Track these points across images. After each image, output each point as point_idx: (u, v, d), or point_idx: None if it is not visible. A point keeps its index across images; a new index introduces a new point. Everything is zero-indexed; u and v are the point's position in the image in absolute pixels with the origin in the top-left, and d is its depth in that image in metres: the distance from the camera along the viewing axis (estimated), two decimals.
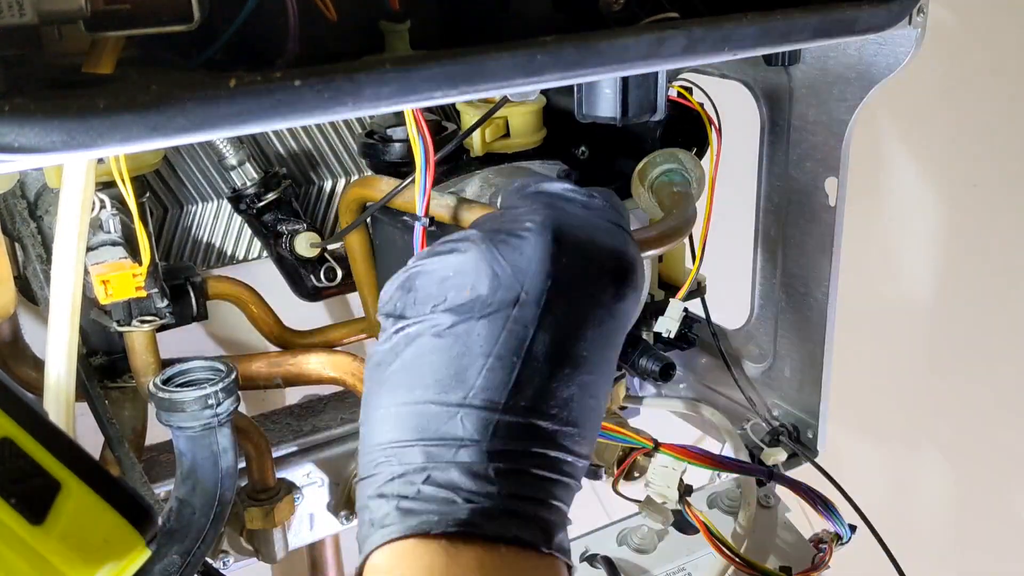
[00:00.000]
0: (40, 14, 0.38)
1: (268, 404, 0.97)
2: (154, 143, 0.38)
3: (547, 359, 0.46)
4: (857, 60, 0.72)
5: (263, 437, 0.73)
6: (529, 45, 0.46)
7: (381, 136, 0.79)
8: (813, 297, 0.81)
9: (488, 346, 0.46)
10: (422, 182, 0.57)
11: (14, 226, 0.70)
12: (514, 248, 0.47)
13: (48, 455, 0.40)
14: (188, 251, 0.88)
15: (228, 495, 0.60)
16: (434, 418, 0.46)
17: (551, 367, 0.46)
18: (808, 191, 0.79)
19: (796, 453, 0.86)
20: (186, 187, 0.86)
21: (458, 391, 0.46)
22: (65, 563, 0.39)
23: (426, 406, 0.46)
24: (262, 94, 0.40)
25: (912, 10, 0.63)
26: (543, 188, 0.52)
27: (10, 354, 0.76)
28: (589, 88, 0.61)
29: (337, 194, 0.93)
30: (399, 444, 0.46)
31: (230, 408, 0.59)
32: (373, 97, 0.42)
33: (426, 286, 0.48)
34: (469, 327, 0.46)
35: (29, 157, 0.36)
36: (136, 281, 0.61)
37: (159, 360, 0.70)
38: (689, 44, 0.50)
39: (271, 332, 0.82)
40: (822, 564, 0.75)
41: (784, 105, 0.80)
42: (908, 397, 1.43)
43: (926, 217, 1.32)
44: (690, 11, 0.55)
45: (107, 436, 0.66)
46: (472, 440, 0.45)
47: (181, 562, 0.57)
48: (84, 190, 0.55)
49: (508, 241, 0.47)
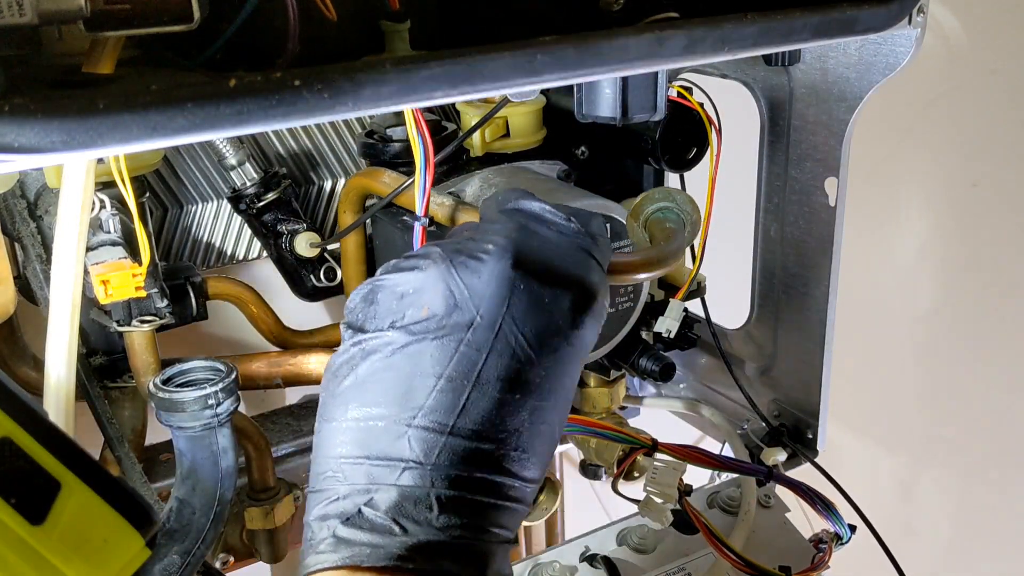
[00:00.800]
0: (40, 14, 0.38)
1: (268, 404, 0.97)
2: (154, 143, 0.38)
3: (498, 384, 0.46)
4: (857, 60, 0.72)
5: (263, 437, 0.73)
6: (529, 45, 0.46)
7: (381, 136, 0.79)
8: (813, 297, 0.81)
9: (440, 367, 0.46)
10: (422, 182, 0.57)
11: (14, 226, 0.70)
12: (472, 270, 0.47)
13: (48, 455, 0.40)
14: (188, 251, 0.88)
15: (228, 495, 0.60)
16: (381, 436, 0.46)
17: (501, 392, 0.46)
18: (808, 191, 0.79)
19: (796, 453, 0.86)
20: (186, 187, 0.86)
21: (407, 411, 0.46)
22: (65, 563, 0.39)
23: (375, 423, 0.46)
24: (262, 94, 0.40)
25: (912, 10, 0.63)
26: (520, 206, 0.52)
27: (10, 354, 0.76)
28: (589, 88, 0.61)
29: (337, 194, 0.93)
30: (346, 459, 0.46)
31: (230, 408, 0.59)
32: (373, 97, 0.42)
33: (386, 300, 0.48)
34: (422, 347, 0.46)
35: (29, 157, 0.36)
36: (136, 281, 0.61)
37: (159, 360, 0.70)
38: (689, 44, 0.50)
39: (271, 332, 0.82)
40: (822, 564, 0.75)
41: (784, 105, 0.80)
42: (908, 397, 1.43)
43: (926, 217, 1.32)
44: (690, 11, 0.55)
45: (107, 436, 0.66)
46: (416, 462, 0.45)
47: (181, 562, 0.57)
48: (84, 190, 0.55)
49: (467, 264, 0.48)
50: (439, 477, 0.45)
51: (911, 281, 1.37)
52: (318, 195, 0.93)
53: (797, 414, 0.87)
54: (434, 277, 0.47)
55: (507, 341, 0.47)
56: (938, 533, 1.49)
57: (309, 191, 0.92)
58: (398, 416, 0.46)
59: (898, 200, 1.33)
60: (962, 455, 1.41)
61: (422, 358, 0.46)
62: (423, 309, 0.47)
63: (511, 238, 0.49)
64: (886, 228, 1.34)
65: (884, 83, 0.71)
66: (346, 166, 0.93)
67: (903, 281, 1.38)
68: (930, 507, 1.49)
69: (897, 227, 1.35)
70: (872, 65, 0.71)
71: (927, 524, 1.48)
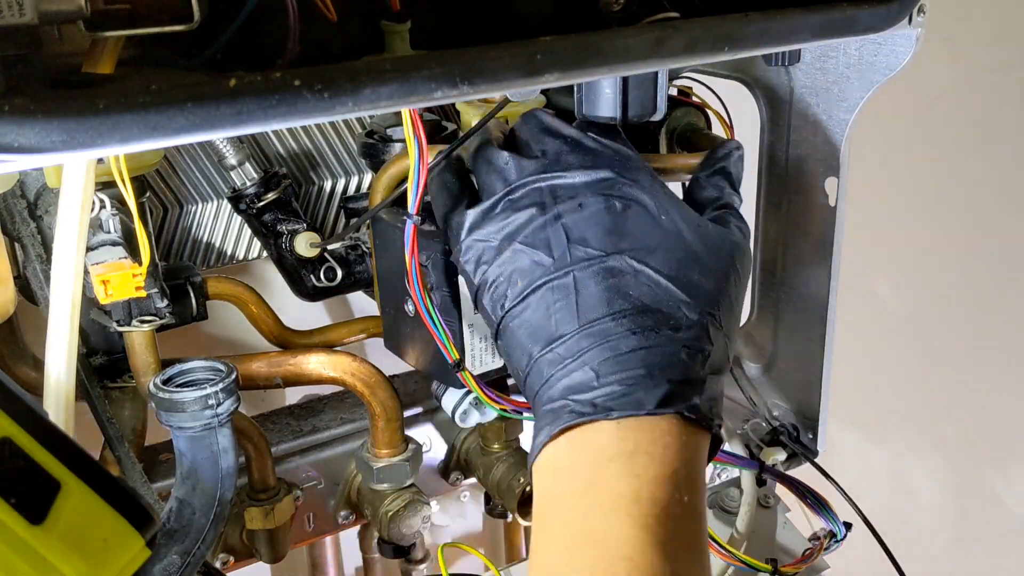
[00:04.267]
0: (40, 14, 0.38)
1: (268, 404, 0.97)
2: (154, 143, 0.38)
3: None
4: (857, 60, 0.72)
5: (263, 437, 0.73)
6: (529, 45, 0.46)
7: (381, 136, 0.79)
8: (813, 297, 0.81)
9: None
10: (415, 181, 0.57)
11: (14, 226, 0.70)
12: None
13: (48, 455, 0.40)
14: (188, 251, 0.88)
15: (228, 495, 0.60)
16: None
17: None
18: (808, 191, 0.79)
19: (796, 453, 0.86)
20: (186, 187, 0.86)
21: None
22: (65, 563, 0.39)
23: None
24: (262, 94, 0.40)
25: (912, 10, 0.63)
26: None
27: (10, 354, 0.76)
28: (589, 88, 0.61)
29: (337, 194, 0.93)
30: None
31: (230, 408, 0.59)
32: (373, 97, 0.42)
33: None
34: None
35: (29, 157, 0.36)
36: (136, 281, 0.61)
37: (159, 360, 0.70)
38: (689, 44, 0.50)
39: (271, 332, 0.82)
40: (811, 558, 0.75)
41: (784, 105, 0.80)
42: (908, 397, 1.43)
43: (926, 217, 1.32)
44: (690, 11, 0.55)
45: (107, 436, 0.66)
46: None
47: (181, 562, 0.57)
48: (84, 190, 0.55)
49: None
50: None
51: (911, 281, 1.37)
52: (318, 195, 0.93)
53: (797, 414, 0.87)
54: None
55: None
56: (936, 532, 1.49)
57: (309, 191, 0.92)
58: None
59: (898, 200, 1.34)
60: (961, 455, 1.41)
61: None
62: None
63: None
64: (886, 228, 1.34)
65: (884, 83, 0.71)
66: (346, 166, 0.93)
67: (903, 281, 1.38)
68: (929, 507, 1.49)
69: (897, 227, 1.35)
70: (872, 65, 0.71)
71: (926, 524, 1.48)
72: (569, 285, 0.54)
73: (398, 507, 0.75)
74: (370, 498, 0.77)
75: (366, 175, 0.94)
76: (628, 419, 0.51)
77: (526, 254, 0.55)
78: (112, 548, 0.40)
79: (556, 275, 0.54)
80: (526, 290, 0.55)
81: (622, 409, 0.51)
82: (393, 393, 0.73)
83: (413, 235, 0.59)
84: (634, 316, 0.53)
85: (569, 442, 0.52)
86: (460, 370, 0.62)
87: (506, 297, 0.56)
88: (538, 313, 0.54)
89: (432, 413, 0.85)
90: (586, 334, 0.53)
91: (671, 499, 0.50)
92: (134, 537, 0.41)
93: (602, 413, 0.51)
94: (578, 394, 0.52)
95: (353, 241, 0.87)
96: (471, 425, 0.77)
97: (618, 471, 0.50)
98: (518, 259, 0.55)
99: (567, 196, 0.55)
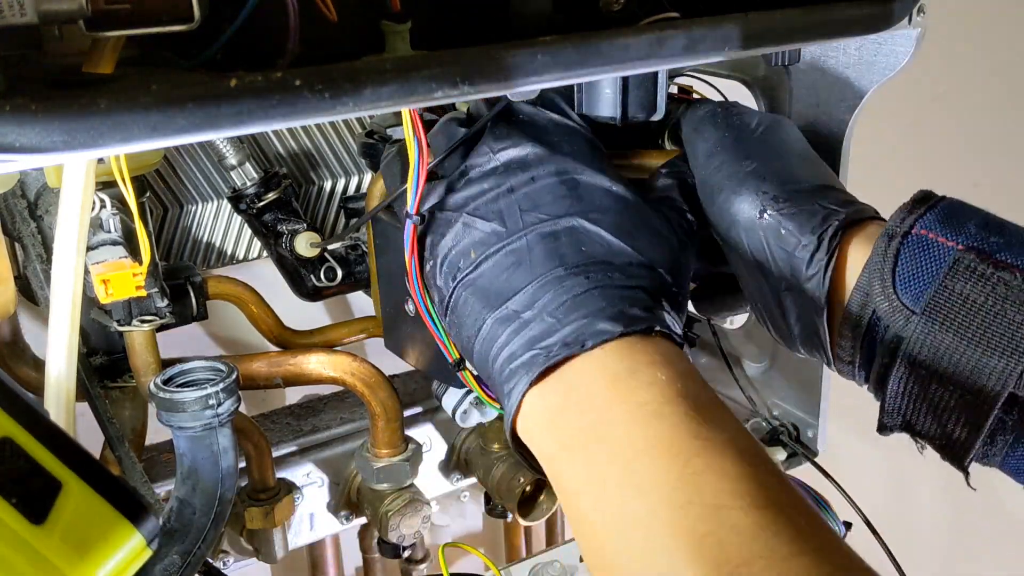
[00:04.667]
0: (40, 14, 0.38)
1: (268, 404, 0.97)
2: (154, 143, 0.38)
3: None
4: (857, 60, 0.72)
5: (263, 437, 0.73)
6: (529, 45, 0.46)
7: (381, 136, 0.79)
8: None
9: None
10: (415, 181, 0.58)
11: (14, 226, 0.70)
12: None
13: (49, 455, 0.40)
14: (188, 251, 0.88)
15: (228, 495, 0.60)
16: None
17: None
18: None
19: (796, 452, 0.86)
20: (186, 187, 0.86)
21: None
22: (66, 563, 0.39)
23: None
24: (262, 94, 0.40)
25: (912, 10, 0.63)
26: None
27: (10, 354, 0.76)
28: (589, 88, 0.61)
29: (337, 194, 0.93)
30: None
31: (231, 408, 0.59)
32: (373, 97, 0.42)
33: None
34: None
35: (30, 157, 0.36)
36: (136, 281, 0.61)
37: (159, 360, 0.70)
38: (689, 44, 0.50)
39: (271, 332, 0.82)
40: None
41: (784, 105, 0.80)
42: None
43: None
44: (690, 11, 0.55)
45: (107, 436, 0.66)
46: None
47: (181, 562, 0.57)
48: (84, 190, 0.55)
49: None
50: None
51: None
52: (318, 195, 0.93)
53: (797, 414, 0.87)
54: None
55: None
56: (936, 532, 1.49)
57: (309, 191, 0.92)
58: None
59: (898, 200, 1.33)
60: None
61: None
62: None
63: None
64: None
65: (884, 83, 0.71)
66: (346, 166, 0.93)
67: None
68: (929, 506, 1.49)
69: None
70: (872, 65, 0.71)
71: (926, 523, 1.48)
72: (523, 248, 0.54)
73: (398, 507, 0.75)
74: (370, 498, 0.77)
75: (366, 175, 0.94)
76: (608, 344, 0.50)
77: (479, 227, 0.56)
78: (113, 548, 0.41)
79: (510, 240, 0.55)
80: (480, 257, 0.55)
81: (596, 338, 0.50)
82: (393, 393, 0.73)
83: (413, 235, 0.59)
84: (586, 266, 0.53)
85: (555, 385, 0.50)
86: (460, 369, 0.62)
87: (458, 268, 0.56)
88: (492, 276, 0.54)
89: (432, 413, 0.85)
90: (539, 285, 0.53)
91: (699, 391, 0.49)
92: (135, 537, 0.41)
93: (577, 347, 0.49)
94: (543, 341, 0.51)
95: (353, 241, 0.87)
96: (471, 425, 0.78)
97: (633, 386, 0.48)
98: (471, 231, 0.56)
99: (518, 169, 0.57)
